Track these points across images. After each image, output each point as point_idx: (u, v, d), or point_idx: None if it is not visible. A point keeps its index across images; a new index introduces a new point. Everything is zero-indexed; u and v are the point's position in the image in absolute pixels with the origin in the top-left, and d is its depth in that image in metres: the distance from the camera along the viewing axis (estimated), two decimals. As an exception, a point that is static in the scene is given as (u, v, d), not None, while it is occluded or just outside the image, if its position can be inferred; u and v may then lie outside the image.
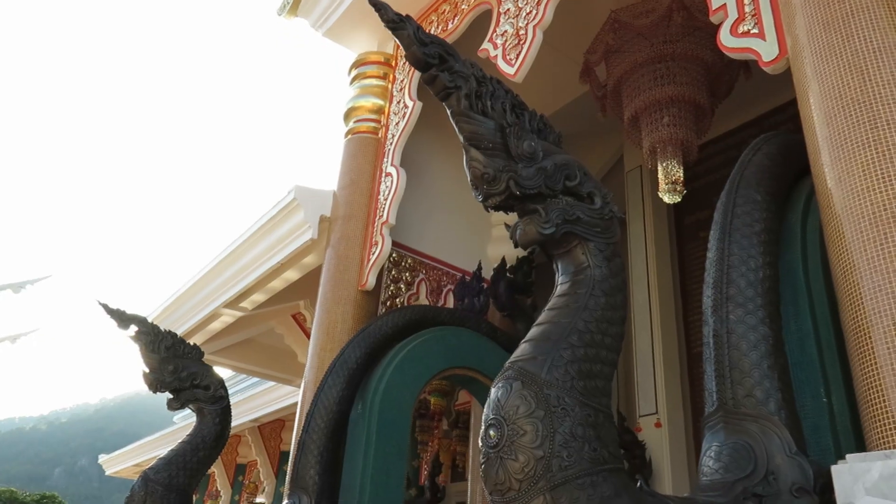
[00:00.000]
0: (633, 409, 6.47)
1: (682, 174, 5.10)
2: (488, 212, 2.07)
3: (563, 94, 6.85)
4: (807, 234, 2.83)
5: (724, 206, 2.81)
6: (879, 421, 2.12)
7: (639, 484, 1.92)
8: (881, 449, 2.07)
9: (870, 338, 2.20)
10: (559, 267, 2.09)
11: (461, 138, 2.02)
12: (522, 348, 1.92)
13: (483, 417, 1.85)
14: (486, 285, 5.84)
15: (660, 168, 5.12)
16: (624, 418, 6.25)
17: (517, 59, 4.59)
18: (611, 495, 1.73)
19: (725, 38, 3.34)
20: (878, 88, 2.44)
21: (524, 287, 6.05)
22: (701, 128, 5.28)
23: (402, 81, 6.20)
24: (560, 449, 1.71)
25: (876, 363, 2.16)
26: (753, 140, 3.16)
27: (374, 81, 6.46)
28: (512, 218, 2.12)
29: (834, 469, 2.05)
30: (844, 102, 2.50)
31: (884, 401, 2.11)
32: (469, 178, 2.03)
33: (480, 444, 1.82)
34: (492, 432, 1.77)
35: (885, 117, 2.38)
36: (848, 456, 2.07)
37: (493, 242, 6.69)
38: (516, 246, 2.04)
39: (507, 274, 5.98)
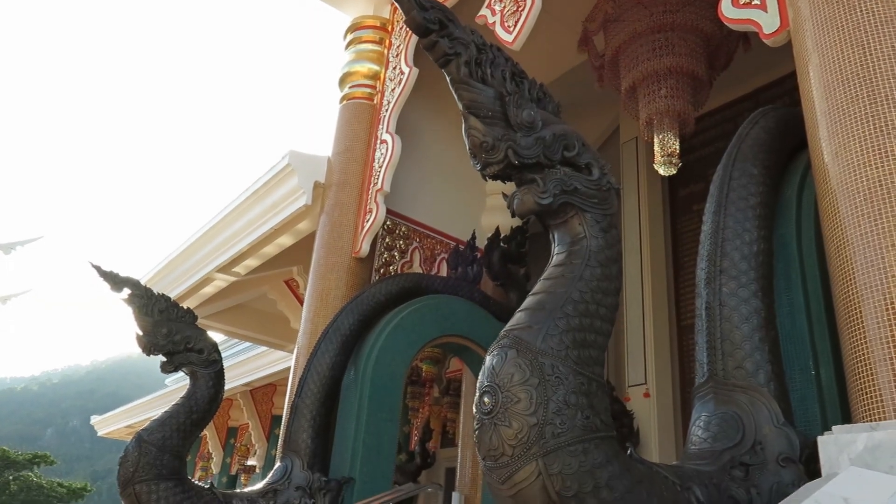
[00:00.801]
0: (623, 379, 6.55)
1: (678, 146, 5.09)
2: (486, 181, 2.06)
3: (560, 63, 6.79)
4: (802, 209, 2.84)
5: (721, 179, 2.81)
6: (866, 394, 2.15)
7: (629, 452, 1.96)
8: (867, 421, 2.11)
9: (860, 312, 2.22)
10: (555, 237, 2.09)
11: (460, 106, 2.01)
12: (518, 317, 1.94)
13: (478, 384, 1.87)
14: (479, 255, 5.85)
15: (656, 140, 5.11)
16: (612, 388, 6.32)
17: (515, 26, 4.54)
18: (602, 462, 1.76)
19: (726, 9, 3.31)
20: (879, 63, 2.43)
21: (517, 257, 6.06)
22: (698, 100, 5.26)
23: (398, 47, 6.12)
24: (553, 416, 1.73)
25: (865, 337, 2.18)
26: (749, 113, 3.15)
27: (369, 46, 6.39)
28: (507, 187, 2.12)
29: (820, 440, 2.09)
30: (844, 76, 2.49)
31: (871, 374, 2.14)
32: (467, 147, 2.01)
33: (475, 410, 1.85)
34: (486, 399, 1.80)
35: (884, 92, 2.37)
36: (834, 427, 2.10)
37: (488, 212, 6.69)
38: (513, 215, 2.04)
39: (501, 243, 5.99)
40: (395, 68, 6.06)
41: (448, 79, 2.03)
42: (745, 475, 2.13)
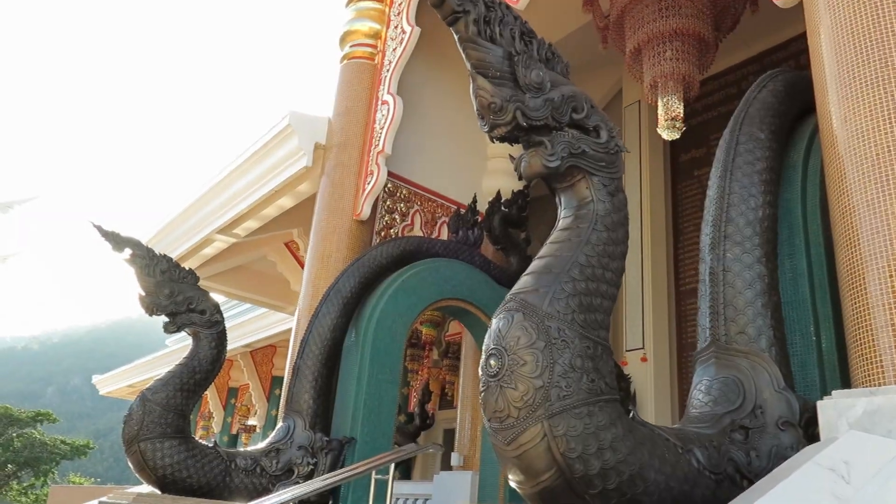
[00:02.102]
0: (620, 343, 6.59)
1: (682, 110, 5.04)
2: (493, 142, 2.04)
3: (563, 24, 6.67)
4: (807, 174, 2.83)
5: (728, 143, 2.79)
6: (867, 359, 2.17)
7: (631, 414, 1.97)
8: (866, 386, 2.12)
9: (863, 278, 2.22)
10: (562, 201, 2.08)
11: (468, 65, 1.97)
12: (524, 280, 1.94)
13: (484, 347, 1.88)
14: (480, 218, 5.84)
15: (660, 103, 5.04)
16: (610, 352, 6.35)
17: (520, -16, 4.46)
18: (606, 424, 1.78)
19: (737, -31, 3.24)
20: (891, 25, 2.38)
21: (518, 221, 6.05)
22: (704, 63, 5.18)
23: (400, 5, 6.01)
24: (559, 379, 1.74)
25: (868, 303, 2.19)
26: (753, 77, 3.11)
27: (370, 4, 6.27)
28: (512, 149, 2.10)
29: (819, 404, 2.10)
30: (856, 39, 2.44)
31: (873, 340, 2.15)
32: (475, 108, 1.98)
33: (480, 372, 1.85)
34: (492, 361, 1.80)
35: (896, 55, 2.33)
36: (834, 392, 2.12)
37: (489, 175, 6.64)
38: (520, 178, 2.02)
39: (502, 207, 5.97)
40: (396, 27, 5.96)
41: (456, 37, 1.99)
42: (745, 438, 2.16)
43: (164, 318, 4.22)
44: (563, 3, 6.29)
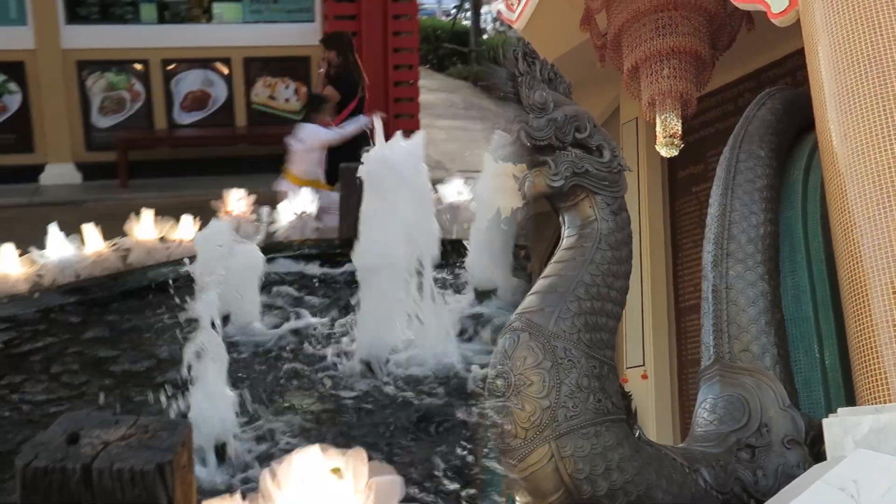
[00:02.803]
0: (620, 361, 6.55)
1: (680, 128, 5.05)
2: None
3: (561, 43, 6.70)
4: (807, 192, 2.84)
5: (728, 161, 2.81)
6: (871, 376, 2.16)
7: (637, 434, 1.97)
8: (872, 404, 2.12)
9: (867, 295, 2.22)
10: (565, 220, 2.08)
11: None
12: (529, 300, 1.94)
13: (489, 367, 1.88)
14: (480, 235, 5.82)
15: (658, 121, 5.06)
16: (611, 369, 6.32)
17: (519, 3, 4.50)
18: (613, 444, 1.77)
19: (735, -11, 3.27)
20: (889, 43, 2.39)
21: (518, 238, 6.03)
22: (701, 80, 5.19)
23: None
24: (566, 399, 1.74)
25: (871, 320, 2.19)
26: (751, 94, 3.15)
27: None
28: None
29: (825, 422, 2.09)
30: (854, 57, 2.45)
31: (877, 357, 2.15)
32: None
33: (487, 393, 1.86)
34: (499, 382, 1.81)
35: (894, 71, 2.34)
36: (839, 410, 2.11)
37: (486, 192, 6.64)
38: (524, 198, 2.03)
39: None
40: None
41: (459, 59, 2.00)
42: (751, 457, 2.16)
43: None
44: (559, 22, 6.31)
